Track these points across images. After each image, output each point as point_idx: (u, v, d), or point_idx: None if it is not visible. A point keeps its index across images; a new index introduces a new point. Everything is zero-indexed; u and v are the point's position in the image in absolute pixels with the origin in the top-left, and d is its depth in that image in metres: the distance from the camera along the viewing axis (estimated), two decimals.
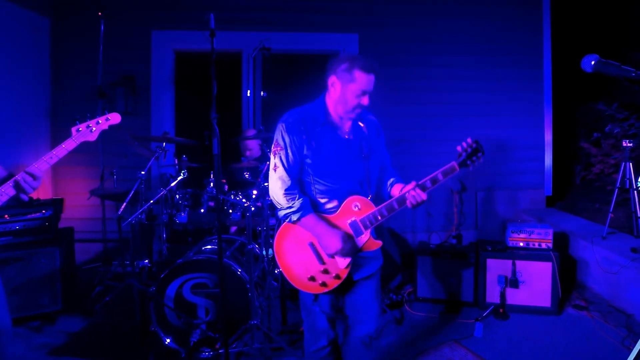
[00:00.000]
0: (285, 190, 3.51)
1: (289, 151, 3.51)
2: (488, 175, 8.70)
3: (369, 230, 3.52)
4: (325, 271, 3.53)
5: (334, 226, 3.51)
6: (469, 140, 3.54)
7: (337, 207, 3.57)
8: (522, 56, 8.88)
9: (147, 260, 5.93)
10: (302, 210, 3.48)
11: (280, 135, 3.55)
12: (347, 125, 3.64)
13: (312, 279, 3.55)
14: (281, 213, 3.58)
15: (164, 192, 5.47)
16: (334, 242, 3.43)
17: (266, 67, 8.45)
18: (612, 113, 9.02)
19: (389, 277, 7.31)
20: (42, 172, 3.38)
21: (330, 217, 3.56)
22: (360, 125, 3.69)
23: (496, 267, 6.27)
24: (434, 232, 8.51)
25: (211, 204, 5.83)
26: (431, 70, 8.67)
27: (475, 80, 8.76)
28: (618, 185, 6.70)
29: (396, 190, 3.66)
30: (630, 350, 2.47)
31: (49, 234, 6.05)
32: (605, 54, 2.26)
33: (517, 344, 5.42)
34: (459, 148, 3.53)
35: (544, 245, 6.22)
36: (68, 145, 3.50)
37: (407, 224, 8.59)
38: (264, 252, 5.61)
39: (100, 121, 3.67)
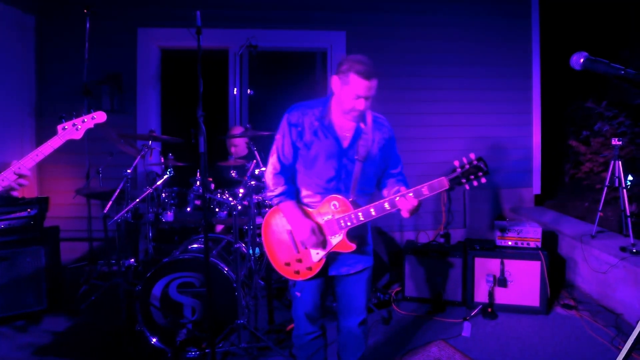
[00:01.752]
0: (274, 175, 3.70)
1: (285, 140, 3.64)
2: None
3: (344, 231, 3.54)
4: (299, 260, 3.70)
5: (308, 217, 3.62)
6: (471, 155, 3.22)
7: (317, 203, 3.64)
8: (510, 54, 8.86)
9: (133, 259, 5.91)
10: (283, 196, 3.66)
11: (282, 124, 3.68)
12: (348, 126, 3.64)
13: (288, 264, 3.74)
14: (267, 194, 3.78)
15: (150, 190, 5.44)
16: (303, 231, 3.55)
17: (253, 64, 8.43)
18: (601, 111, 9.03)
19: (376, 276, 7.30)
20: (27, 169, 3.35)
21: (309, 210, 3.66)
22: (361, 128, 3.66)
23: (484, 266, 6.25)
24: (421, 230, 8.48)
25: (197, 202, 5.80)
26: (420, 68, 8.64)
27: (463, 78, 8.74)
28: (607, 183, 6.68)
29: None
30: (620, 350, 2.45)
31: (34, 233, 5.98)
32: (594, 52, 2.24)
33: (505, 343, 5.40)
34: (456, 162, 3.23)
35: (532, 245, 6.21)
36: (54, 143, 3.47)
37: (394, 223, 8.57)
38: (251, 251, 5.58)
39: (86, 119, 3.63)
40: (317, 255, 3.60)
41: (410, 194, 3.35)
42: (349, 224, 3.51)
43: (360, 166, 3.62)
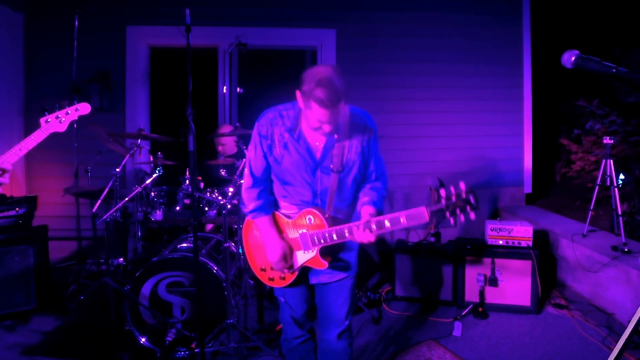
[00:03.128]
0: (247, 189, 3.55)
1: (256, 151, 3.43)
2: (467, 173, 8.67)
3: (317, 248, 3.34)
4: (274, 268, 3.58)
5: (281, 236, 3.48)
6: (461, 185, 2.83)
7: (295, 214, 3.45)
8: (501, 52, 8.86)
9: (122, 259, 5.90)
10: (256, 212, 3.51)
11: (253, 134, 3.43)
12: (320, 134, 3.25)
13: (263, 270, 3.66)
14: (243, 210, 3.65)
15: (139, 189, 5.41)
16: (273, 254, 3.43)
17: (242, 62, 8.41)
18: (592, 109, 9.04)
19: (366, 275, 7.29)
20: (10, 164, 3.31)
21: (286, 221, 3.49)
22: (334, 137, 3.28)
23: (475, 266, 6.23)
24: (412, 229, 8.45)
25: (187, 201, 5.77)
26: (410, 66, 8.65)
27: (453, 76, 8.75)
28: (599, 182, 6.67)
29: (365, 213, 3.23)
30: (611, 350, 2.43)
31: (22, 232, 5.93)
32: (586, 50, 2.22)
33: (496, 343, 5.39)
34: (442, 192, 2.84)
35: (523, 244, 6.20)
36: (37, 137, 3.44)
37: None
38: (240, 251, 5.56)
39: (69, 111, 3.59)
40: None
41: (387, 222, 3.03)
42: (322, 241, 3.29)
43: (337, 177, 3.34)
